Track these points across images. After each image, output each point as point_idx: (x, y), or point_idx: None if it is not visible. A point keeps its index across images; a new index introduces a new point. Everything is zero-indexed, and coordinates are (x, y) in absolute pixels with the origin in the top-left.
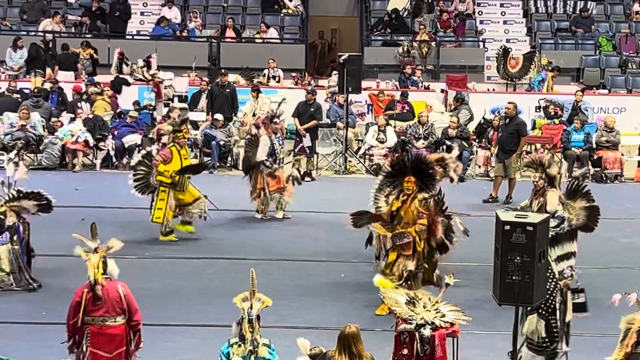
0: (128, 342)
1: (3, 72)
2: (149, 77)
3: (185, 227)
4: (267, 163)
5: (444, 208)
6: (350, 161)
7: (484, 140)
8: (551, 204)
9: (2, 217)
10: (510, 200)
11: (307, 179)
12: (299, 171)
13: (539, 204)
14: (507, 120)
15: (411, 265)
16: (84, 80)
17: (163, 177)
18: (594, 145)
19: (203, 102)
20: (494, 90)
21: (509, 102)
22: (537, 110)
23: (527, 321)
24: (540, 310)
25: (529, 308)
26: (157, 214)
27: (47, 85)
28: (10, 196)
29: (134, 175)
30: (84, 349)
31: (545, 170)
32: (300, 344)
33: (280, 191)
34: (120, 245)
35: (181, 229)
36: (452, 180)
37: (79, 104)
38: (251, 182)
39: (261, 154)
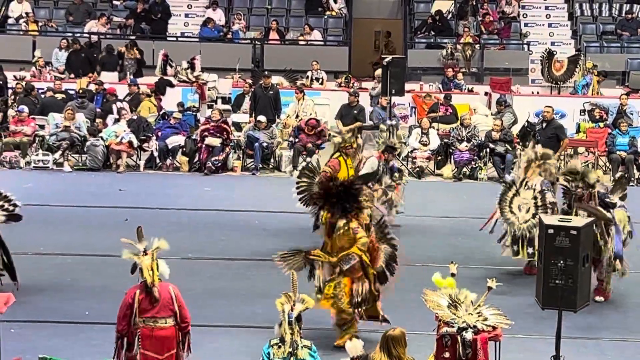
0: (178, 343)
1: (49, 73)
2: (193, 79)
3: None
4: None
5: (387, 236)
6: None
7: (527, 143)
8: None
9: None
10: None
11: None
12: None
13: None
14: (544, 125)
15: (367, 285)
16: (128, 82)
17: None
18: (639, 149)
19: (246, 103)
20: (538, 93)
21: (546, 106)
22: (582, 113)
23: None
24: None
25: None
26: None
27: (92, 87)
28: None
29: (297, 187)
30: (135, 350)
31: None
32: (351, 346)
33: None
34: (167, 246)
35: None
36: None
37: (112, 106)
38: None
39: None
